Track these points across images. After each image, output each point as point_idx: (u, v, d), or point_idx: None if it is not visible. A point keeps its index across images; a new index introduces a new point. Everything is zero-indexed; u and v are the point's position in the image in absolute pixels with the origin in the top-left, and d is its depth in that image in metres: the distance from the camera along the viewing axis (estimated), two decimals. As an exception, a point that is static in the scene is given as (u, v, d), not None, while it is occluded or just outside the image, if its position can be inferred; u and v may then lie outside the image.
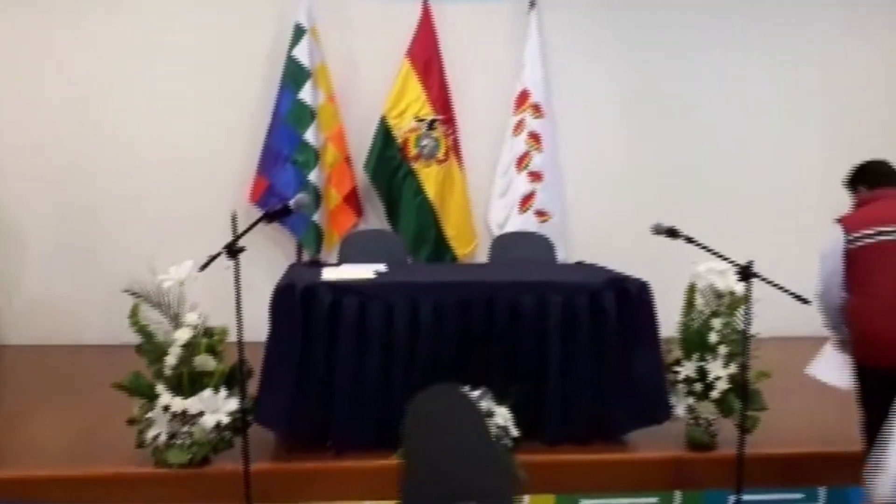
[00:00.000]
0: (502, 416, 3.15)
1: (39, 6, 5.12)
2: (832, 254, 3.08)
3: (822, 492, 3.29)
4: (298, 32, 5.13)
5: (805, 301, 3.19)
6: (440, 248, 5.40)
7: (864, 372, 3.07)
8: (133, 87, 5.21)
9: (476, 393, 3.14)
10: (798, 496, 3.30)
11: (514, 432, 3.15)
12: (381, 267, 3.73)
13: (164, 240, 4.97)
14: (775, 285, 2.93)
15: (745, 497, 3.01)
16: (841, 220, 3.12)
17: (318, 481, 3.13)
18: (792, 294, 3.02)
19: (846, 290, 3.10)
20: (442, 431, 1.21)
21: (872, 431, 2.89)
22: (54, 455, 3.24)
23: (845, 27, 5.67)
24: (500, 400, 3.18)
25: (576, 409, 3.34)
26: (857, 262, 3.04)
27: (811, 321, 3.28)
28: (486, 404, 3.13)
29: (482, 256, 5.30)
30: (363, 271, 3.56)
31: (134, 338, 3.12)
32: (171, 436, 3.03)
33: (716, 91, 5.63)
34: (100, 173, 5.21)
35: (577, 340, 3.34)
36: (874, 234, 3.02)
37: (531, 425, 3.24)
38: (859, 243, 3.02)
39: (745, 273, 2.95)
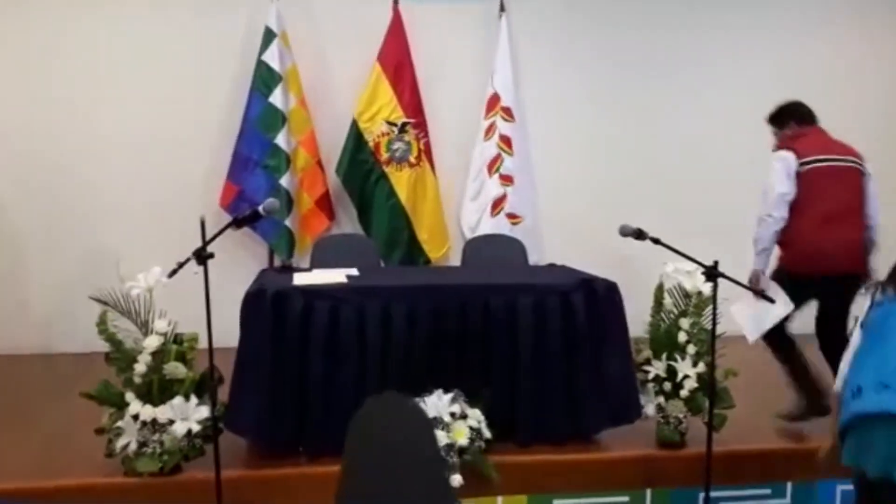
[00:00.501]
0: (475, 417, 3.16)
1: (20, 3, 5.06)
2: (785, 174, 3.48)
3: (789, 486, 3.34)
4: (268, 36, 5.11)
5: (771, 300, 3.27)
6: (413, 252, 5.41)
7: (788, 276, 3.49)
8: (101, 91, 5.16)
9: (448, 395, 3.15)
10: (765, 491, 3.35)
11: (487, 434, 3.16)
12: (354, 271, 3.73)
13: (133, 245, 4.93)
14: (741, 285, 2.98)
15: (715, 494, 3.06)
16: (790, 148, 3.53)
17: (291, 488, 3.11)
18: (757, 293, 3.08)
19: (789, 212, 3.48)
20: (382, 442, 1.20)
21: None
22: (22, 466, 3.19)
23: (813, 30, 5.79)
24: (472, 402, 3.19)
25: (548, 410, 3.36)
26: (801, 186, 3.44)
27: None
28: (458, 406, 3.14)
29: (455, 259, 5.32)
30: (335, 275, 3.56)
31: (105, 345, 3.08)
32: (142, 444, 2.99)
33: (686, 94, 5.71)
34: (68, 178, 5.15)
35: (549, 341, 3.36)
36: (821, 160, 3.48)
37: (504, 426, 3.25)
38: (808, 167, 3.47)
39: (711, 273, 2.99)
